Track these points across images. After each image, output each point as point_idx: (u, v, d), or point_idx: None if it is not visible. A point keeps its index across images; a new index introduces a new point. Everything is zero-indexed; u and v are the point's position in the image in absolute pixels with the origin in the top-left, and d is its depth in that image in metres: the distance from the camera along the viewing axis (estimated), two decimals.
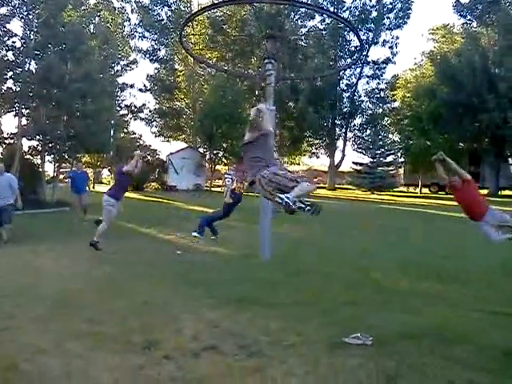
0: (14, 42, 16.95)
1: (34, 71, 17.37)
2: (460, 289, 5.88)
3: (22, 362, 3.59)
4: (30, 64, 17.35)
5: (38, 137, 18.22)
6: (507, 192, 28.88)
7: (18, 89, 17.17)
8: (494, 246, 8.17)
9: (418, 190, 32.51)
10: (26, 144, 18.98)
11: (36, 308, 4.97)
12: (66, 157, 20.24)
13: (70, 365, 3.56)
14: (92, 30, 27.40)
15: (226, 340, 4.09)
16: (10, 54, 17.00)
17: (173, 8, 37.34)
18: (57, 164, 20.23)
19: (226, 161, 30.85)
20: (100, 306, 5.09)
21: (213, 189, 31.21)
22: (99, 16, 30.92)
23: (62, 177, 19.93)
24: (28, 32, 17.36)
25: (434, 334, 4.25)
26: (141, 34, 37.70)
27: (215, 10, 32.16)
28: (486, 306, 5.07)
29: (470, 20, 33.30)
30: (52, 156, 19.69)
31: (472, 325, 4.54)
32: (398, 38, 35.63)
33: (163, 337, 4.15)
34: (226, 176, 16.04)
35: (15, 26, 61.97)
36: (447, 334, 4.28)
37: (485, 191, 28.49)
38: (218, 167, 33.96)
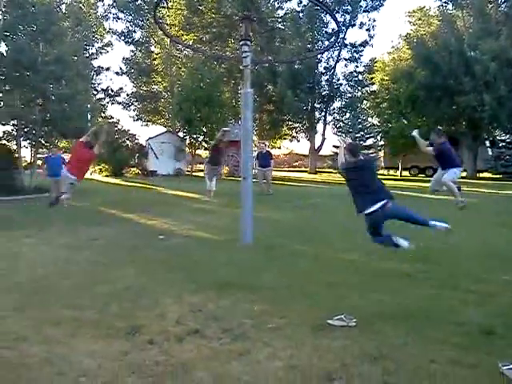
0: None
1: (4, 53, 16.86)
2: (441, 269, 5.96)
3: (2, 350, 3.53)
4: None
5: (12, 121, 17.79)
6: (485, 174, 29.42)
7: None
8: (477, 228, 8.35)
9: (398, 172, 32.84)
10: (0, 129, 18.57)
11: (15, 295, 4.88)
12: (43, 142, 19.82)
13: (52, 351, 3.51)
14: (64, 11, 26.67)
15: (209, 324, 4.09)
16: None
17: None
18: (33, 149, 19.81)
19: (206, 145, 30.62)
20: (81, 291, 5.03)
21: (194, 173, 31.03)
22: None
23: (39, 162, 19.52)
24: None
25: (415, 315, 4.31)
26: (115, 15, 36.88)
27: None
28: (465, 286, 5.15)
29: (445, 2, 33.36)
30: (28, 141, 19.27)
31: (450, 304, 4.62)
32: (375, 20, 35.96)
33: (146, 322, 4.12)
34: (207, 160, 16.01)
35: None
36: (428, 313, 4.35)
37: (463, 174, 28.98)
38: (198, 152, 33.73)
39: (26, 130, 18.29)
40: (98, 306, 4.55)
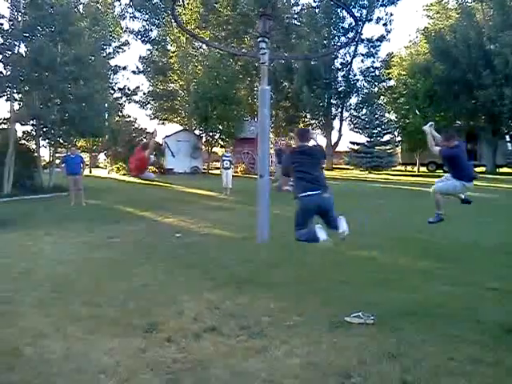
0: (1, 24, 16.57)
1: (23, 54, 17.08)
2: (459, 266, 5.89)
3: (24, 346, 3.59)
4: (19, 47, 17.01)
5: (31, 122, 18.02)
6: (504, 169, 28.91)
7: (9, 73, 16.88)
8: (495, 224, 8.20)
9: (415, 168, 32.48)
10: (19, 129, 18.80)
11: (35, 292, 4.95)
12: (61, 141, 20.05)
13: (71, 348, 3.56)
14: (81, 11, 26.91)
15: (227, 321, 4.09)
16: None
17: None
18: (52, 149, 20.06)
19: (222, 143, 30.65)
20: (99, 289, 5.09)
21: (211, 171, 31.11)
22: None
23: (57, 162, 19.76)
24: (16, 13, 16.99)
25: (433, 312, 4.27)
26: (132, 15, 37.07)
27: None
28: (484, 283, 5.08)
29: None
30: (47, 141, 19.51)
31: (470, 301, 4.56)
32: (392, 14, 35.18)
33: (164, 319, 4.15)
34: (223, 158, 16.05)
35: (2, 7, 60.91)
36: (446, 310, 4.31)
37: (482, 169, 28.53)
38: (215, 149, 33.78)
39: (44, 129, 18.49)
40: (117, 303, 4.60)
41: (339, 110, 36.87)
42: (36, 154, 18.92)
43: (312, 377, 3.11)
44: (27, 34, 16.92)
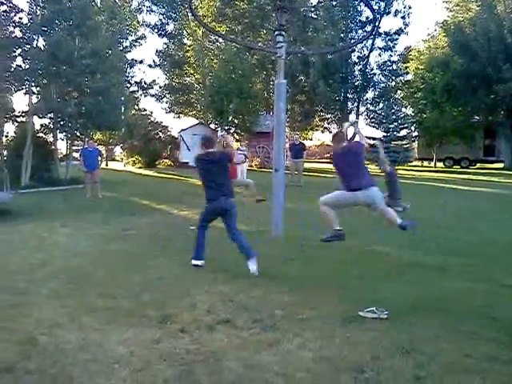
0: (20, 18, 16.76)
1: (42, 48, 17.26)
2: (475, 262, 5.82)
3: (40, 336, 3.64)
4: (37, 41, 17.19)
5: (49, 115, 18.22)
6: None
7: (27, 66, 17.07)
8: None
9: (432, 164, 32.13)
10: (37, 122, 19.03)
11: (51, 284, 5.03)
12: (78, 134, 20.26)
13: (86, 338, 3.60)
14: (99, 5, 27.08)
15: (240, 314, 4.11)
16: (17, 30, 16.85)
17: None
18: (69, 142, 20.28)
19: (237, 137, 30.61)
20: (114, 281, 5.14)
21: None
22: None
23: (75, 155, 19.98)
24: (34, 7, 17.17)
25: (447, 308, 4.24)
26: (148, 8, 37.08)
27: None
28: (500, 280, 5.02)
29: None
30: (64, 134, 19.72)
31: (485, 298, 4.51)
32: (410, 7, 34.64)
33: (178, 311, 4.18)
34: (238, 152, 16.05)
35: (21, 1, 61.49)
36: (461, 307, 4.26)
37: (500, 165, 28.10)
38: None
39: (62, 122, 18.70)
40: (131, 295, 4.64)
41: (355, 104, 36.54)
42: (53, 147, 19.13)
43: (324, 371, 3.11)
44: (45, 28, 17.10)
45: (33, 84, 17.75)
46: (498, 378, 3.00)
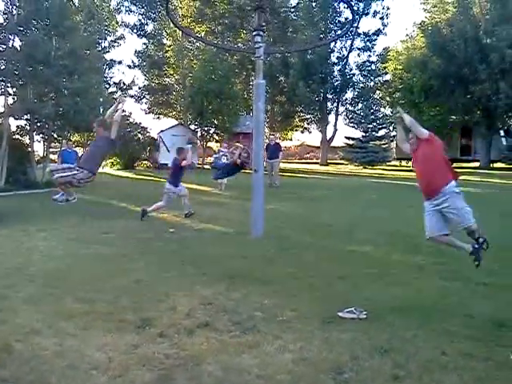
0: None
1: (18, 48, 16.95)
2: (450, 261, 5.89)
3: (15, 343, 3.57)
4: (13, 41, 16.89)
5: (25, 116, 17.91)
6: (498, 165, 28.98)
7: (3, 67, 16.75)
8: (490, 220, 8.22)
9: (410, 163, 32.44)
10: (13, 124, 18.66)
11: (27, 288, 4.93)
12: (56, 136, 19.95)
13: (63, 344, 3.54)
14: (77, 5, 26.70)
15: (220, 317, 4.09)
16: None
17: None
18: (46, 144, 19.95)
19: (217, 137, 30.54)
20: (92, 285, 5.07)
21: (205, 166, 31.03)
22: None
23: (52, 157, 19.68)
24: (10, 7, 16.87)
25: (425, 307, 4.30)
26: (127, 8, 36.73)
27: None
28: (475, 278, 5.09)
29: None
30: (41, 135, 19.40)
31: (462, 296, 4.59)
32: (388, 8, 35.24)
33: (157, 315, 4.15)
34: (220, 153, 16.01)
35: None
36: (439, 306, 4.34)
37: (476, 164, 28.58)
38: (209, 144, 33.68)
39: (38, 124, 18.38)
40: (109, 299, 4.58)
41: (335, 104, 36.84)
42: (30, 149, 18.80)
43: (304, 372, 3.11)
44: (22, 28, 16.82)
45: (9, 85, 17.42)
46: (474, 374, 3.05)
